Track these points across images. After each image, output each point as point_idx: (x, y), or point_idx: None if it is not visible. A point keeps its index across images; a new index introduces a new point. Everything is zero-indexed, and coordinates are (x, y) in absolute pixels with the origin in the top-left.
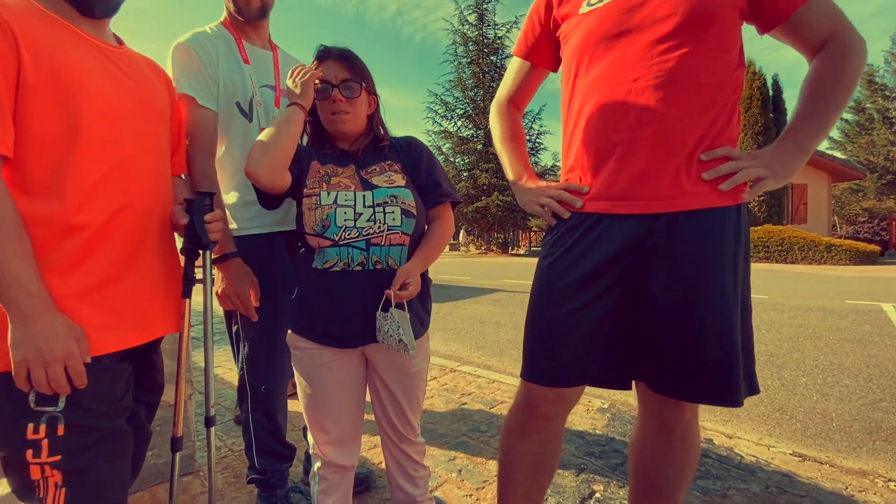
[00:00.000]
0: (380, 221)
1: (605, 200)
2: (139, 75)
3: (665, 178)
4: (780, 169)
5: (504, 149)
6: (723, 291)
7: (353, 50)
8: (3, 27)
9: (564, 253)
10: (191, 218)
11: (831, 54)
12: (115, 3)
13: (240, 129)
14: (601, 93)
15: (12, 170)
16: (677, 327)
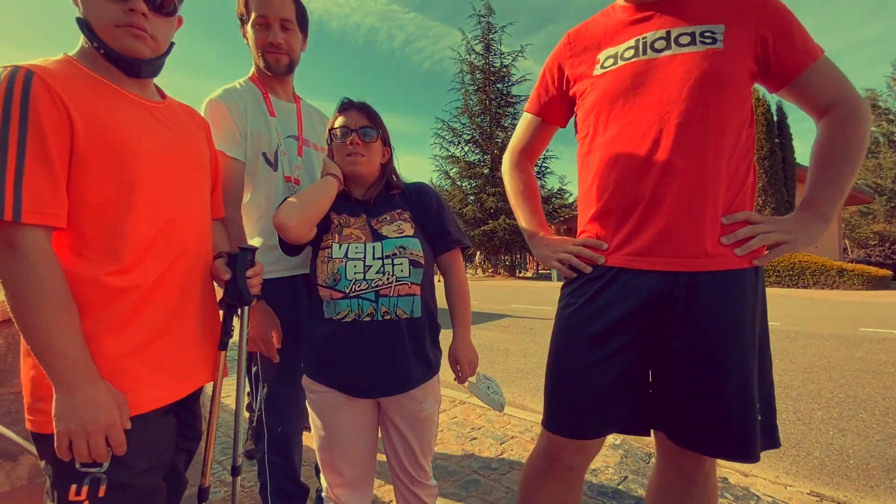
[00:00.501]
0: (388, 273)
1: (626, 255)
2: (182, 129)
3: (687, 237)
4: (802, 235)
5: (519, 203)
6: (742, 352)
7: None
8: (55, 100)
9: (586, 304)
10: (233, 273)
11: (838, 119)
12: (159, 64)
13: (265, 177)
14: (621, 151)
15: (67, 235)
16: (698, 384)
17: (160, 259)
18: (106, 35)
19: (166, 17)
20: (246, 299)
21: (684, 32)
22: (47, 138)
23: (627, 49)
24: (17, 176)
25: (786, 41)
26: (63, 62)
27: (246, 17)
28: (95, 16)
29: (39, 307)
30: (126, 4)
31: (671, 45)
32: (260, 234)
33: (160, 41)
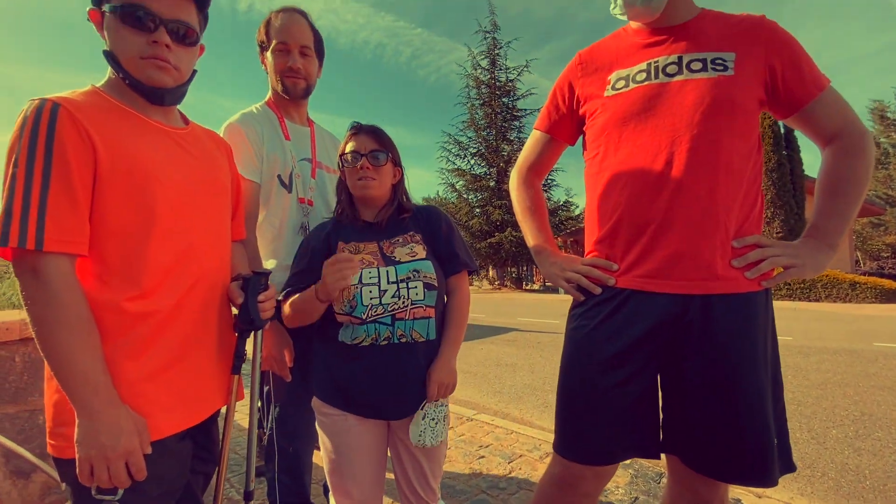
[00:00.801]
0: (404, 297)
1: (638, 277)
2: (204, 153)
3: (699, 259)
4: (810, 261)
5: (526, 219)
6: (757, 374)
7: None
8: (80, 130)
9: (598, 326)
10: (245, 298)
11: (844, 149)
12: (182, 91)
13: (280, 199)
14: (632, 172)
15: (89, 261)
16: (713, 408)
17: (179, 284)
18: (131, 67)
19: (188, 48)
20: (256, 324)
21: (696, 58)
22: (71, 168)
23: (639, 72)
24: (42, 206)
25: (794, 71)
26: (90, 93)
27: (266, 43)
28: (121, 49)
29: (62, 333)
30: (150, 37)
31: (683, 71)
32: (274, 254)
33: (183, 70)
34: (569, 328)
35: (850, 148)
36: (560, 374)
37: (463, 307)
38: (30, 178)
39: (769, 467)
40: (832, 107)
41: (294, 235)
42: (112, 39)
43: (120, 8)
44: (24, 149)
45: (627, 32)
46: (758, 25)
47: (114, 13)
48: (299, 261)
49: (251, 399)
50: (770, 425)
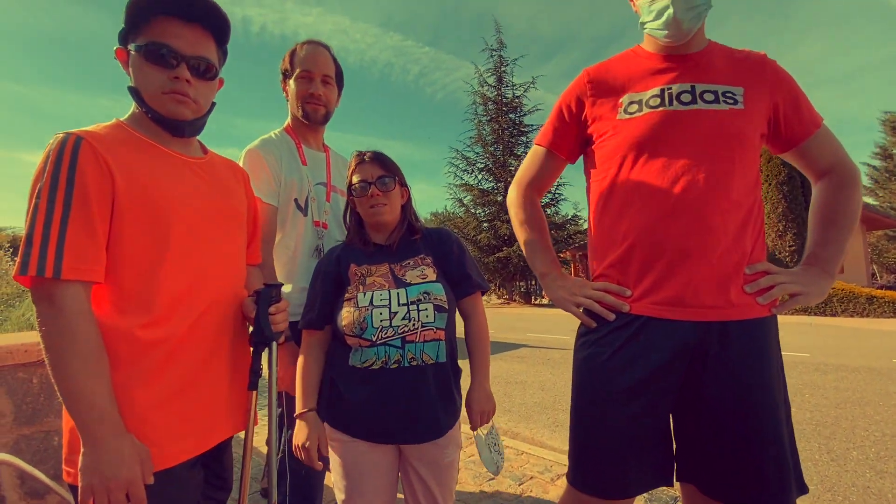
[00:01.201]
0: (414, 319)
1: (655, 304)
2: (221, 182)
3: (716, 287)
4: (814, 289)
5: (529, 238)
6: (773, 398)
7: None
8: (100, 163)
9: (613, 355)
10: (257, 310)
11: (837, 184)
12: (201, 123)
13: (295, 221)
14: (647, 197)
15: (104, 288)
16: (732, 434)
17: (191, 310)
18: (153, 101)
19: (208, 82)
20: (268, 337)
21: (709, 90)
22: (91, 199)
23: (653, 97)
24: (61, 235)
25: (794, 109)
26: (113, 126)
27: (290, 71)
28: (145, 84)
29: (72, 361)
30: (172, 73)
31: (697, 101)
32: (288, 276)
33: (202, 103)
34: (579, 355)
35: (842, 182)
36: (573, 404)
37: (483, 331)
38: (51, 208)
39: (787, 493)
40: (826, 144)
41: (309, 258)
42: (136, 76)
43: (144, 46)
44: (47, 180)
45: (638, 56)
46: (762, 63)
47: (138, 51)
48: (312, 287)
49: (269, 414)
50: (786, 448)
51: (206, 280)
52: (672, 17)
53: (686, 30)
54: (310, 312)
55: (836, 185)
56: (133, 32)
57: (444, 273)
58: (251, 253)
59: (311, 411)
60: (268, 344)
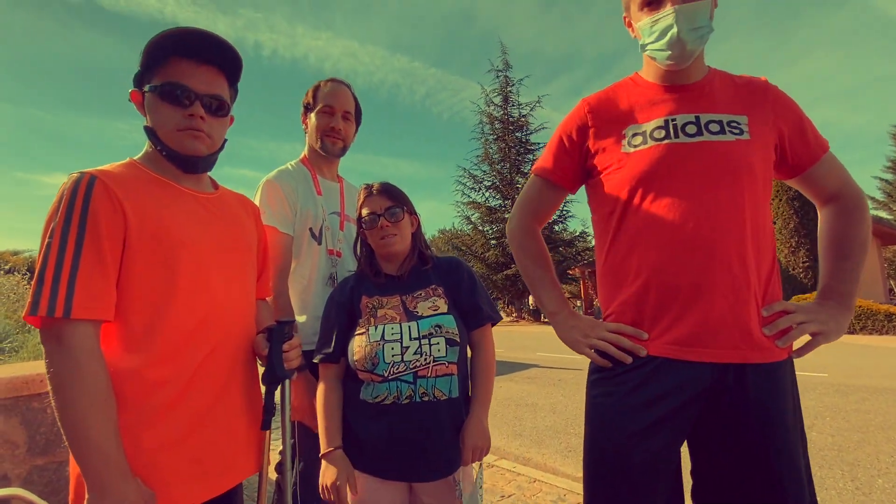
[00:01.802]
0: (426, 353)
1: (670, 345)
2: (231, 217)
3: (735, 327)
4: (834, 326)
5: (533, 274)
6: (794, 441)
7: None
8: (113, 201)
9: (628, 395)
10: (270, 348)
11: (844, 210)
12: (214, 159)
13: (310, 251)
14: (658, 234)
15: (112, 326)
16: (752, 473)
17: (201, 348)
18: (169, 138)
19: (221, 119)
20: (280, 376)
21: (713, 120)
22: (102, 237)
23: (657, 129)
24: (73, 274)
25: (799, 135)
26: (127, 165)
27: (312, 105)
28: (161, 123)
29: (80, 403)
30: (186, 111)
31: (702, 132)
32: (303, 305)
33: (215, 139)
34: (593, 392)
35: (849, 208)
36: (587, 444)
37: (489, 364)
38: (64, 246)
39: None
40: (832, 169)
41: (323, 286)
42: (152, 115)
43: (160, 87)
44: (60, 219)
45: (638, 85)
46: (764, 90)
47: (154, 91)
48: (327, 318)
49: (283, 454)
50: (804, 485)
51: (215, 316)
52: (676, 37)
53: (689, 51)
54: (325, 346)
55: (843, 212)
56: (148, 74)
57: (456, 303)
58: (261, 286)
59: (337, 449)
60: (280, 381)
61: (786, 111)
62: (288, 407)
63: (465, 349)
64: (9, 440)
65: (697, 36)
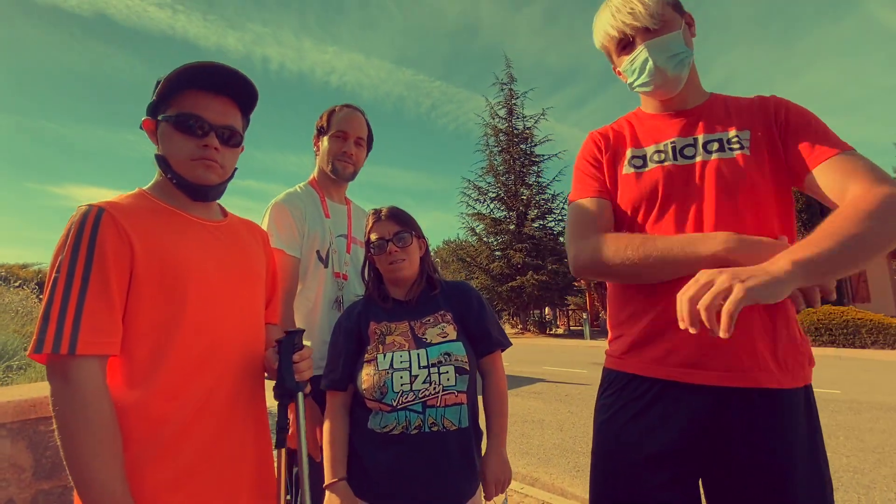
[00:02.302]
0: (435, 382)
1: (672, 367)
2: (240, 244)
3: (743, 347)
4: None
5: (651, 244)
6: (813, 466)
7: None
8: (121, 233)
9: (632, 422)
10: (280, 360)
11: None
12: (223, 188)
13: (316, 274)
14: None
15: (118, 360)
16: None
17: (204, 381)
18: (181, 168)
19: (233, 149)
20: (290, 388)
21: (712, 139)
22: (109, 271)
23: (657, 152)
24: (79, 309)
25: (797, 141)
26: (136, 196)
27: (325, 129)
28: (174, 152)
29: (85, 441)
30: (201, 141)
31: (700, 152)
32: (308, 328)
33: (227, 169)
34: (600, 418)
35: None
36: (593, 469)
37: (502, 391)
38: (70, 281)
39: None
40: (832, 175)
41: (329, 309)
42: (165, 144)
43: (175, 117)
44: (67, 253)
45: (639, 117)
46: (767, 102)
47: (168, 121)
48: (334, 344)
49: (300, 476)
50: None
51: (222, 349)
52: (654, 68)
53: (672, 77)
54: (333, 373)
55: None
56: (163, 104)
57: (465, 329)
58: (270, 313)
59: (341, 480)
60: (293, 396)
61: (788, 116)
62: (303, 422)
63: (475, 377)
64: (15, 464)
65: (676, 62)
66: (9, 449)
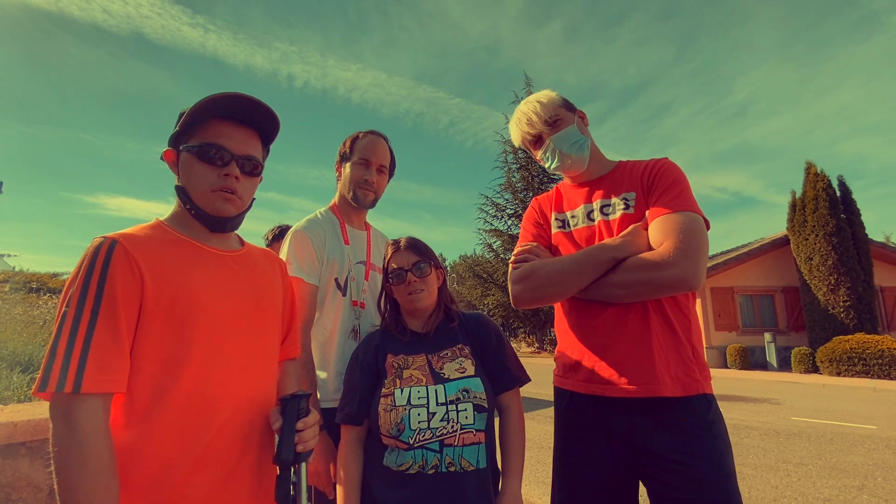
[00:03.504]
0: (453, 420)
1: (590, 383)
2: (258, 274)
3: (634, 365)
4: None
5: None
6: (707, 465)
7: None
8: (132, 266)
9: (567, 437)
10: (283, 426)
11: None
12: (241, 219)
13: (334, 302)
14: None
15: (121, 397)
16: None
17: (208, 425)
18: (201, 199)
19: (253, 179)
20: (284, 458)
21: (607, 203)
22: (118, 305)
23: (572, 217)
24: (86, 346)
25: (650, 197)
26: (152, 227)
27: (348, 155)
28: (194, 182)
29: (81, 484)
30: (222, 171)
31: (599, 214)
32: (324, 358)
33: (245, 199)
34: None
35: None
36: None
37: (520, 430)
38: (79, 316)
39: None
40: (656, 230)
41: (346, 339)
42: (186, 174)
43: (197, 147)
44: (78, 287)
45: (565, 185)
46: (652, 165)
47: (190, 151)
48: (351, 376)
49: None
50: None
51: (228, 390)
52: (561, 153)
53: (577, 158)
54: (348, 406)
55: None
56: (185, 135)
57: (483, 364)
58: (288, 346)
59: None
60: (291, 465)
61: (653, 179)
62: (304, 495)
63: (493, 414)
64: (31, 483)
65: (577, 148)
66: (26, 468)
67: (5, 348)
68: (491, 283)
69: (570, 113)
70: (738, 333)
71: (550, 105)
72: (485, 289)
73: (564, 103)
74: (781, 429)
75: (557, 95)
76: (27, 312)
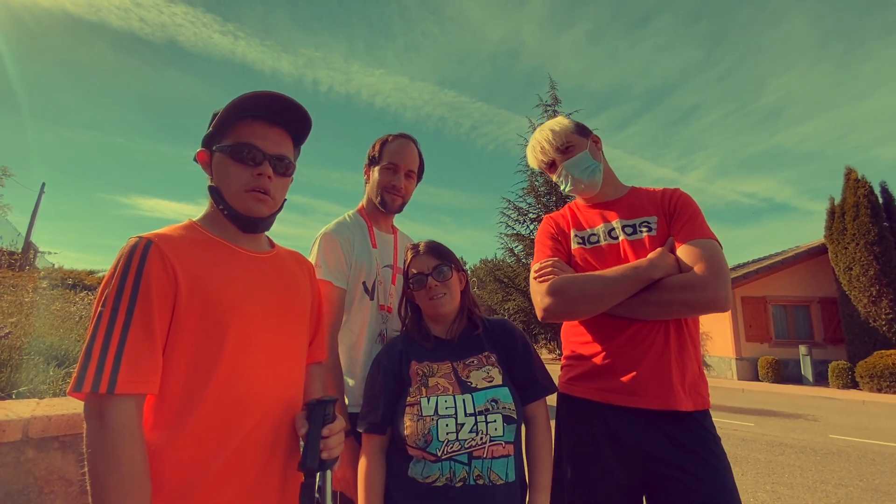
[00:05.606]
0: (482, 432)
1: (608, 392)
2: (286, 277)
3: (652, 379)
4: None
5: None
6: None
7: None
8: (167, 267)
9: (578, 443)
10: (308, 432)
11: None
12: (273, 220)
13: (361, 306)
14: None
15: (152, 398)
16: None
17: (238, 428)
18: (234, 199)
19: (286, 178)
20: (308, 466)
21: (628, 224)
22: (153, 307)
23: (592, 234)
24: (120, 347)
25: (672, 223)
26: (185, 227)
27: (377, 159)
28: (227, 182)
29: (113, 485)
30: (255, 170)
31: (622, 233)
32: (351, 363)
33: (277, 200)
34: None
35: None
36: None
37: (547, 442)
38: (114, 317)
39: None
40: (686, 256)
41: (372, 343)
42: (219, 175)
43: (231, 147)
44: (114, 287)
45: (578, 206)
46: (671, 194)
47: (223, 151)
48: (373, 383)
49: None
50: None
51: (260, 387)
52: (573, 178)
53: (589, 183)
54: (371, 414)
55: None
56: (219, 135)
57: (509, 371)
58: (315, 349)
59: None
60: (314, 473)
61: (674, 206)
62: (328, 502)
63: (521, 426)
64: (63, 477)
65: (588, 173)
66: (59, 461)
67: (43, 343)
68: (512, 287)
69: (583, 138)
70: (770, 345)
71: (562, 132)
72: (506, 293)
73: (577, 129)
74: (819, 447)
75: (570, 122)
76: (64, 308)
